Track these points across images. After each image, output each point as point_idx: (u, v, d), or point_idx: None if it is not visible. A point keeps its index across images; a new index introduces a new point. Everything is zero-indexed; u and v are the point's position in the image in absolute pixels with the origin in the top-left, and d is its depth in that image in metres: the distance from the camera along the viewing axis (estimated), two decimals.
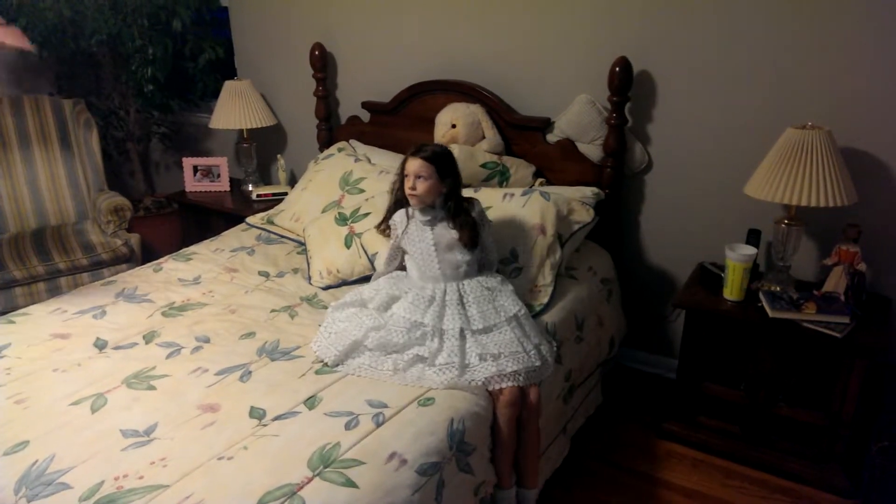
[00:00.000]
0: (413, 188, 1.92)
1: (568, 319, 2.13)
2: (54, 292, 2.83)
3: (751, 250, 2.19)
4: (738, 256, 2.15)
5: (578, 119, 2.55)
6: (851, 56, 2.12)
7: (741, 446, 2.27)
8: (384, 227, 2.09)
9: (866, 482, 2.01)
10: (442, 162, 1.93)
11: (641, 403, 2.58)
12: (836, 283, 2.14)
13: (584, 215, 2.34)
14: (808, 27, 2.16)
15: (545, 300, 2.12)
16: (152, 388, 1.72)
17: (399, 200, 2.03)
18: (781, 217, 2.20)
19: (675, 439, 2.37)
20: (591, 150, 2.56)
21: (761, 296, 2.17)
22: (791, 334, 2.08)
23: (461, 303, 1.90)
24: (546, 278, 2.16)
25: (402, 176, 1.97)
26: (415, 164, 1.91)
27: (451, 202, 1.95)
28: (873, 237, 2.18)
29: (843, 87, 2.16)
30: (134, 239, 3.11)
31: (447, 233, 1.95)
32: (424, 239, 1.96)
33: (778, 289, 2.20)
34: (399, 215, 2.03)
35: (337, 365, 1.81)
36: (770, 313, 2.09)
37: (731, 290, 2.19)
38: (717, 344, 2.24)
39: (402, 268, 2.09)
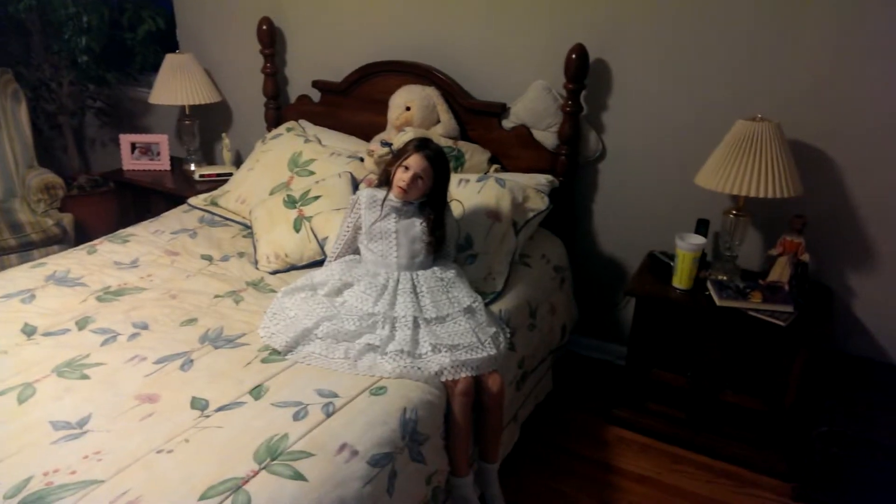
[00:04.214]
0: (411, 185, 1.87)
1: (521, 307, 2.12)
2: None
3: (700, 240, 2.22)
4: (687, 246, 2.18)
5: (534, 105, 2.53)
6: (804, 52, 2.16)
7: (688, 432, 2.31)
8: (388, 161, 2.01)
9: (804, 466, 2.08)
10: (441, 165, 1.92)
11: (591, 390, 2.60)
12: (780, 272, 2.20)
13: (538, 203, 2.33)
14: (762, 23, 2.19)
15: (499, 287, 2.10)
16: (86, 377, 1.63)
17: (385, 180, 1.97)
18: (730, 207, 2.24)
19: (624, 425, 2.40)
20: (546, 137, 2.55)
21: (709, 284, 2.21)
22: (737, 322, 2.13)
23: (414, 291, 1.87)
24: (500, 265, 2.14)
25: (399, 161, 1.90)
26: (420, 164, 1.87)
27: (430, 209, 1.92)
28: (817, 228, 2.25)
29: (794, 83, 2.20)
30: (66, 219, 2.96)
31: (414, 227, 1.91)
32: (388, 224, 1.91)
33: (725, 278, 2.24)
34: (368, 195, 1.96)
35: (288, 352, 1.75)
36: (717, 302, 2.13)
37: (681, 279, 2.23)
38: (666, 331, 2.28)
39: (357, 252, 2.03)
